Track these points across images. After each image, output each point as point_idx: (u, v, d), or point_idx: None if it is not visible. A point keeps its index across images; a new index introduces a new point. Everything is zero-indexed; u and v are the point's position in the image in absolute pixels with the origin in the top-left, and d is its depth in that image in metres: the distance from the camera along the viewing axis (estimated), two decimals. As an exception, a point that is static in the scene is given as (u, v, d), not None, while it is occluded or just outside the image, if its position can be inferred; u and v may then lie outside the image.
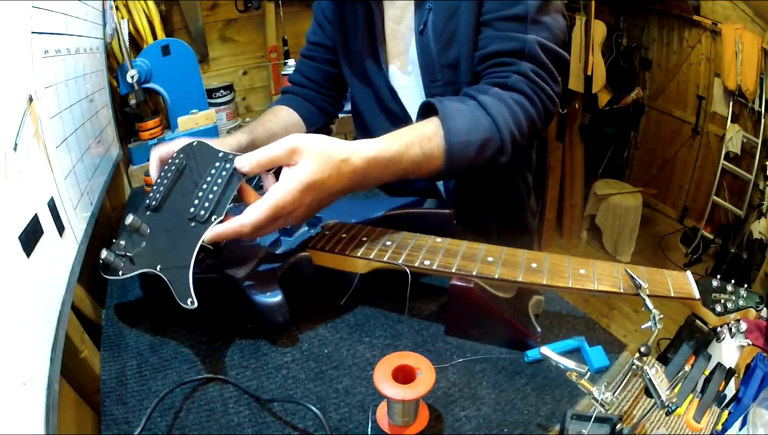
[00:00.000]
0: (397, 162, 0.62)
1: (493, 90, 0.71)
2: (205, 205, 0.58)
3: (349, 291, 0.64)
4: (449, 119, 0.66)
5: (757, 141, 2.21)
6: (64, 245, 0.62)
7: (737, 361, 0.86)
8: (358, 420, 0.51)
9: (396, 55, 0.87)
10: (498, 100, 0.69)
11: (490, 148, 0.68)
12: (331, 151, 0.57)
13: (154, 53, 1.26)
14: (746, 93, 2.20)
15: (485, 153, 0.68)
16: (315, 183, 0.55)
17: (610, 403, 0.45)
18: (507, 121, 0.68)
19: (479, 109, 0.69)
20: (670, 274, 0.55)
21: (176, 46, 1.29)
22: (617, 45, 2.54)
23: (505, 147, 0.69)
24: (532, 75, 0.71)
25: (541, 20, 0.72)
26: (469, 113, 0.68)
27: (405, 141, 0.63)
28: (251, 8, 1.87)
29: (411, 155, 0.63)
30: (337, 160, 0.57)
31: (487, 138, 0.67)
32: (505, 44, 0.72)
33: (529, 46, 0.71)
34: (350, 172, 0.58)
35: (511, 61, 0.72)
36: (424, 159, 0.64)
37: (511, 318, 0.58)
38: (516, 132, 0.69)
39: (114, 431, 0.51)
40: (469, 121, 0.67)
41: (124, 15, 1.35)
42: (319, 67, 1.00)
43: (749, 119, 2.28)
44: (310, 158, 0.55)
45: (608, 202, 2.64)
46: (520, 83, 0.71)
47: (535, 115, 0.72)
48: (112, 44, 1.18)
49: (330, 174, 0.56)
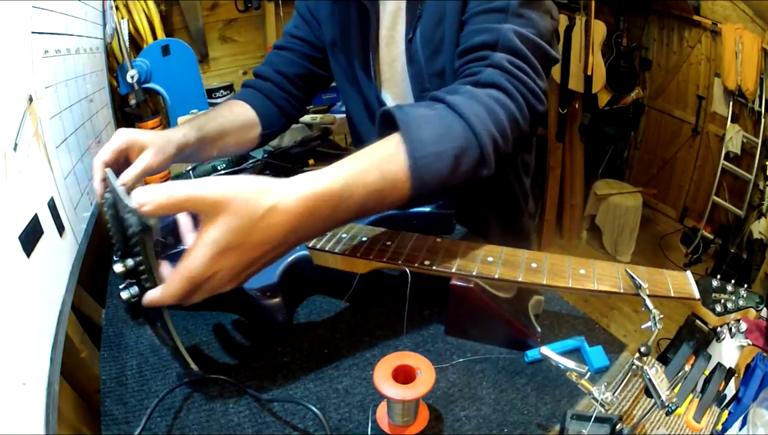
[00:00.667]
0: (349, 195, 0.49)
1: (465, 88, 0.60)
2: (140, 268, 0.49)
3: (349, 291, 0.64)
4: (412, 130, 0.53)
5: (757, 141, 2.21)
6: (64, 245, 0.62)
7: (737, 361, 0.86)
8: (358, 420, 0.51)
9: (388, 62, 0.83)
10: (470, 98, 0.58)
11: (468, 158, 0.55)
12: (252, 201, 0.44)
13: (154, 53, 1.26)
14: (746, 93, 2.20)
15: (462, 165, 0.55)
16: (232, 245, 0.44)
17: (610, 403, 0.45)
18: (485, 122, 0.56)
19: (449, 113, 0.57)
20: (670, 274, 0.55)
21: (176, 46, 1.29)
22: (617, 45, 2.54)
23: (485, 155, 0.56)
24: (508, 65, 0.61)
25: (524, 14, 0.64)
26: (438, 118, 0.56)
27: (357, 167, 0.50)
28: (251, 8, 1.88)
29: (367, 183, 0.50)
30: (260, 211, 0.44)
31: (463, 146, 0.55)
32: (479, 37, 0.64)
33: (503, 35, 0.62)
34: (284, 221, 0.45)
35: (485, 54, 0.63)
36: (387, 184, 0.51)
37: (511, 318, 0.58)
38: (498, 135, 0.57)
39: (114, 431, 0.51)
40: (437, 129, 0.55)
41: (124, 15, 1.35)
42: (296, 61, 0.93)
43: (749, 119, 2.28)
44: (225, 215, 0.43)
45: (608, 202, 2.64)
46: (495, 75, 0.60)
47: (517, 112, 0.60)
48: (112, 44, 1.18)
49: (252, 230, 0.44)
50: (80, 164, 0.78)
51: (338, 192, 0.48)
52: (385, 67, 0.84)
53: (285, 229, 0.45)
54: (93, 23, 1.04)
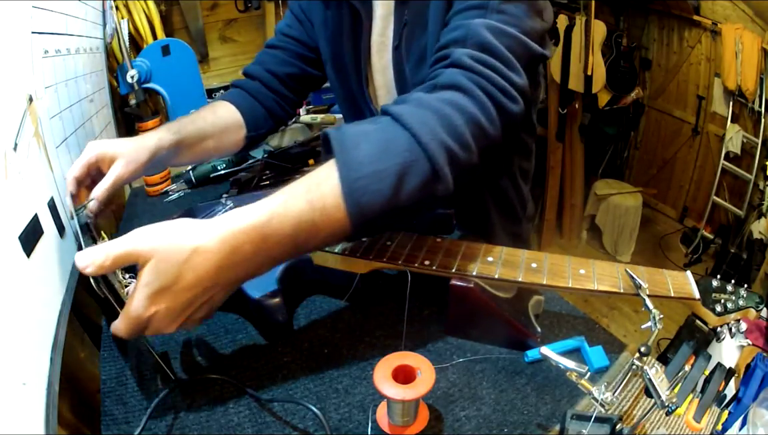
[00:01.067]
0: (275, 229, 0.46)
1: (415, 95, 0.54)
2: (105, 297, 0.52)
3: (349, 291, 0.64)
4: (348, 150, 0.48)
5: (757, 141, 2.21)
6: (64, 245, 0.62)
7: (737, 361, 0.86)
8: (358, 420, 0.51)
9: (380, 70, 0.79)
10: (418, 106, 0.52)
11: (415, 175, 0.48)
12: (175, 245, 0.44)
13: (154, 53, 1.26)
14: (746, 93, 2.20)
15: (407, 183, 0.48)
16: (162, 287, 0.44)
17: (610, 403, 0.45)
18: (434, 131, 0.50)
19: (391, 125, 0.51)
20: (670, 274, 0.55)
21: (176, 46, 1.29)
22: (617, 45, 2.54)
23: (437, 169, 0.49)
24: (469, 61, 0.54)
25: (506, 10, 0.57)
26: (378, 133, 0.50)
27: (283, 199, 0.47)
28: (251, 8, 1.88)
29: (295, 215, 0.46)
30: (183, 255, 0.44)
31: (407, 161, 0.48)
32: (450, 35, 0.58)
33: (472, 29, 0.55)
34: (207, 261, 0.44)
35: (449, 52, 0.57)
36: (318, 214, 0.47)
37: (511, 318, 0.58)
38: (453, 145, 0.50)
39: (114, 431, 0.51)
40: (376, 145, 0.49)
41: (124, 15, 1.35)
42: (288, 61, 0.89)
43: (749, 119, 2.28)
44: (153, 261, 0.44)
45: (608, 202, 2.64)
46: (454, 75, 0.54)
47: (480, 115, 0.52)
48: (112, 44, 1.18)
49: (179, 273, 0.44)
50: (80, 164, 0.78)
51: (260, 227, 0.46)
52: (377, 75, 0.80)
53: (210, 269, 0.45)
54: (93, 23, 1.04)
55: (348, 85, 0.83)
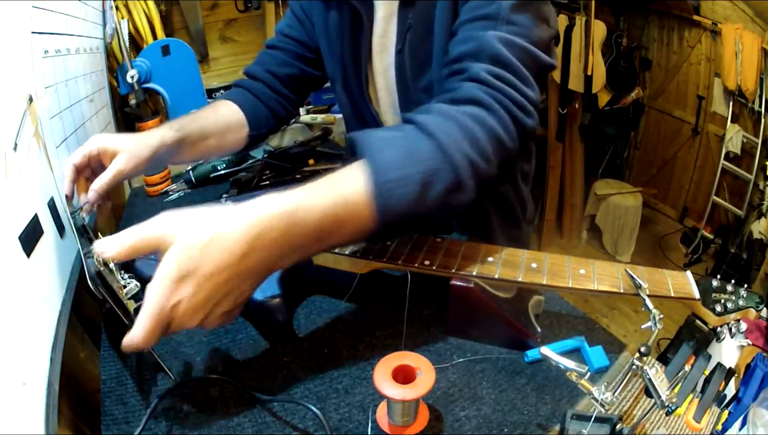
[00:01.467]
0: (301, 218, 0.46)
1: (437, 106, 0.55)
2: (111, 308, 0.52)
3: (349, 291, 0.64)
4: (375, 153, 0.50)
5: (757, 141, 2.21)
6: (64, 245, 0.62)
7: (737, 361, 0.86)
8: (358, 420, 0.51)
9: (381, 72, 0.79)
10: (443, 117, 0.53)
11: (439, 182, 0.50)
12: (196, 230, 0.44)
13: (154, 53, 1.26)
14: (746, 93, 2.20)
15: (432, 191, 0.50)
16: (183, 273, 0.43)
17: (610, 403, 0.45)
18: (458, 143, 0.51)
19: (417, 133, 0.52)
20: (670, 274, 0.55)
21: (176, 46, 1.29)
22: (617, 45, 2.54)
23: (461, 180, 0.51)
24: (488, 77, 0.56)
25: (516, 20, 0.58)
26: (403, 140, 0.52)
27: (311, 191, 0.48)
28: (251, 8, 1.88)
29: (322, 207, 0.47)
30: (204, 239, 0.43)
31: (432, 169, 0.50)
32: (461, 47, 0.59)
33: (486, 42, 0.57)
34: (230, 247, 0.44)
35: (464, 66, 0.58)
36: (343, 209, 0.48)
37: (511, 318, 0.58)
38: (476, 157, 0.52)
39: (114, 431, 0.51)
40: (402, 151, 0.50)
41: (124, 15, 1.35)
42: (288, 62, 0.89)
43: (749, 119, 2.28)
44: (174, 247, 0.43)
45: (608, 202, 2.64)
46: (473, 90, 0.56)
47: (500, 129, 0.54)
48: (112, 44, 1.18)
49: (201, 258, 0.43)
50: (80, 164, 0.78)
51: (286, 216, 0.45)
52: (378, 76, 0.80)
53: (233, 255, 0.44)
54: (93, 23, 1.04)
55: (348, 87, 0.83)
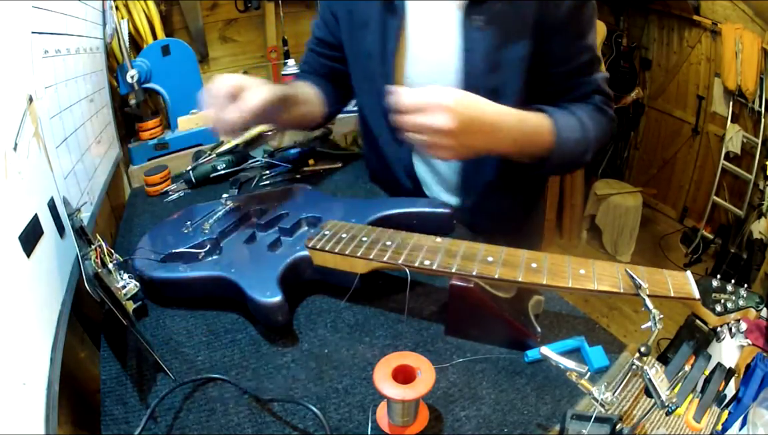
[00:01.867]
0: (521, 122, 0.71)
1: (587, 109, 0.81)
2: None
3: (349, 291, 0.64)
4: (555, 113, 0.76)
5: (757, 141, 2.21)
6: (64, 245, 0.62)
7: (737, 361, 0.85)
8: (358, 420, 0.51)
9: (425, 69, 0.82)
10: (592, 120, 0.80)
11: (582, 145, 0.78)
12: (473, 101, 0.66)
13: (154, 53, 1.26)
14: (746, 93, 2.20)
15: (578, 148, 0.77)
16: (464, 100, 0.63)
17: (610, 403, 0.45)
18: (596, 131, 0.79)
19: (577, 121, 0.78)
20: (670, 274, 0.54)
21: (176, 46, 1.29)
22: (617, 45, 2.54)
23: (589, 152, 0.80)
24: (602, 105, 0.82)
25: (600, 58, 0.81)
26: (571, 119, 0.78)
27: (525, 112, 0.72)
28: (251, 8, 1.87)
29: (532, 124, 0.73)
30: (482, 100, 0.66)
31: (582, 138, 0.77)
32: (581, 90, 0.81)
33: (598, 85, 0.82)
34: (492, 114, 0.67)
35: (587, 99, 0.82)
36: (537, 134, 0.73)
37: (511, 318, 0.58)
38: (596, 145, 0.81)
39: (114, 431, 0.51)
40: (572, 121, 0.77)
41: (124, 15, 1.34)
42: (323, 63, 0.97)
43: (749, 119, 2.28)
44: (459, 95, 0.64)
45: (608, 202, 2.64)
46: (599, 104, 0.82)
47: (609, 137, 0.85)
48: (112, 44, 1.18)
49: (477, 104, 0.65)
50: (80, 164, 0.78)
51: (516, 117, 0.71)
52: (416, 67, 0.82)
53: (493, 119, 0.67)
54: (93, 23, 1.04)
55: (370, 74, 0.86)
